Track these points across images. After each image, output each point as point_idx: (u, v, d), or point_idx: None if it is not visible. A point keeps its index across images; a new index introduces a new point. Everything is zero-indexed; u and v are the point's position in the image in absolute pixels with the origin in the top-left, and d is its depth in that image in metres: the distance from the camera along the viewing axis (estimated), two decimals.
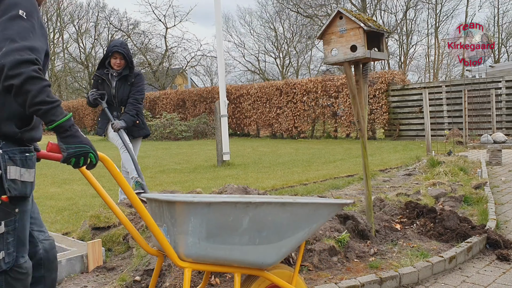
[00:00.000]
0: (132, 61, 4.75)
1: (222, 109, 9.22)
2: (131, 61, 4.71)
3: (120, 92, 4.69)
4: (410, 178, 6.58)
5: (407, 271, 2.90)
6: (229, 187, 3.65)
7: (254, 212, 1.89)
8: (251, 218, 1.89)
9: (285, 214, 1.96)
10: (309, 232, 2.07)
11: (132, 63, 4.73)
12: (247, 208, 1.87)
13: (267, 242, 1.96)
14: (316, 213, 2.05)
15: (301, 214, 2.01)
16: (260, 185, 6.36)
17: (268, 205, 1.92)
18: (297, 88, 17.62)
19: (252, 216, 1.89)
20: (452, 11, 32.30)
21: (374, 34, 3.36)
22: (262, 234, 1.94)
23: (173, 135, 19.14)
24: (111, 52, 4.64)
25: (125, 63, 4.68)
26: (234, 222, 1.87)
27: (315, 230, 2.10)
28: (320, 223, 2.10)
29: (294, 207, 1.98)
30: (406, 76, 20.11)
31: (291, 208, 1.97)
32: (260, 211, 1.90)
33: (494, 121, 12.53)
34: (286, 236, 2.00)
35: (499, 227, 4.00)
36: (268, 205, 1.92)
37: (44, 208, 5.30)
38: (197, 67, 38.17)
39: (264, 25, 36.63)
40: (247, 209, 1.87)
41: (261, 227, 1.93)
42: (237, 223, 1.88)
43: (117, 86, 4.70)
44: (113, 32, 36.52)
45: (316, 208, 2.05)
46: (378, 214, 4.05)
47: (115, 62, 4.65)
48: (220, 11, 9.26)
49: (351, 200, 2.15)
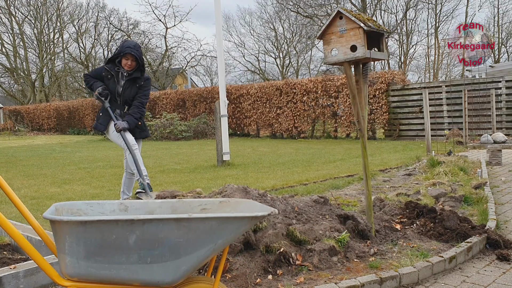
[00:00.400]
0: (144, 64, 4.75)
1: (222, 109, 9.22)
2: (142, 64, 4.71)
3: (127, 92, 4.70)
4: (410, 178, 6.58)
5: (407, 271, 2.89)
6: (229, 187, 3.65)
7: (141, 230, 1.77)
8: (139, 236, 1.77)
9: (181, 230, 1.82)
10: (216, 248, 1.91)
11: (143, 66, 4.74)
12: (132, 226, 1.75)
13: (162, 260, 1.83)
14: (221, 228, 1.88)
15: (201, 230, 1.85)
16: (260, 185, 6.36)
17: (158, 222, 1.78)
18: (297, 88, 17.62)
19: (140, 234, 1.77)
20: (452, 11, 32.39)
21: (374, 34, 3.36)
22: (154, 252, 1.81)
23: (173, 135, 19.14)
24: (123, 53, 4.60)
25: (136, 65, 4.67)
26: (118, 241, 1.76)
27: (225, 245, 1.94)
28: (229, 238, 1.92)
29: (191, 222, 1.83)
30: (406, 76, 20.12)
31: (188, 224, 1.82)
32: (149, 229, 1.78)
33: (494, 121, 12.53)
34: (185, 254, 1.86)
35: (499, 227, 4.00)
36: (158, 222, 1.78)
37: (44, 208, 5.30)
38: (197, 67, 38.26)
39: (264, 25, 36.76)
40: (133, 227, 1.76)
41: (153, 245, 1.80)
42: (122, 241, 1.76)
43: (125, 86, 4.70)
44: (113, 32, 36.58)
45: (220, 223, 1.87)
46: (378, 214, 4.05)
47: (126, 62, 4.63)
48: (220, 11, 9.26)
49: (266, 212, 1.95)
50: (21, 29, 35.68)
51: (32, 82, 36.83)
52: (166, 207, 2.24)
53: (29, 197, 6.08)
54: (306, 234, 3.21)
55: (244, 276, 2.80)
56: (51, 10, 36.00)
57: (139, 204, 2.23)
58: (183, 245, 1.85)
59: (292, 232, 3.19)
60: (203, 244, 1.88)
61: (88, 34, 37.55)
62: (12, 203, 1.93)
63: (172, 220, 1.80)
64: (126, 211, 2.19)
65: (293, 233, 3.18)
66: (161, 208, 2.24)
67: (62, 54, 37.58)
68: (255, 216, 1.93)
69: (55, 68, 37.77)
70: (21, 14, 35.80)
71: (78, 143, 18.98)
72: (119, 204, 2.19)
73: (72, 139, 21.75)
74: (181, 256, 1.85)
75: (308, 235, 3.21)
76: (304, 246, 3.15)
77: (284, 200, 3.67)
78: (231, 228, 1.90)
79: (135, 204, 2.22)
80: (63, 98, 37.76)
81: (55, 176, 8.30)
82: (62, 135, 26.41)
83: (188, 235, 1.83)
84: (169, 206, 2.25)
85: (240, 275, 2.81)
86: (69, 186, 7.03)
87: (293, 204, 3.62)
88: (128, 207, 2.20)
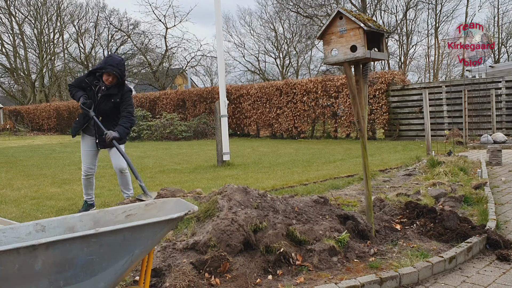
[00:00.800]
0: (124, 81, 4.87)
1: (222, 109, 9.22)
2: (123, 81, 4.83)
3: (102, 106, 4.86)
4: (410, 178, 6.57)
5: (407, 271, 2.89)
6: (229, 187, 3.65)
7: (46, 254, 1.64)
8: (46, 261, 1.65)
9: (91, 247, 1.72)
10: (134, 258, 1.83)
11: (123, 83, 4.86)
12: (35, 251, 1.62)
13: (76, 281, 1.73)
14: (135, 237, 1.79)
15: (114, 243, 1.75)
16: (260, 185, 6.36)
17: (64, 243, 1.66)
18: (297, 88, 17.62)
19: (46, 258, 1.65)
20: (452, 11, 32.41)
21: (374, 34, 3.36)
22: (66, 274, 1.70)
23: (173, 135, 19.13)
24: (105, 70, 4.70)
25: (116, 81, 4.79)
26: (23, 270, 1.64)
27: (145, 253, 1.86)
28: (147, 245, 1.84)
29: (100, 237, 1.72)
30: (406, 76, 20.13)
31: (97, 240, 1.72)
32: (54, 251, 1.65)
33: (494, 121, 12.54)
34: (101, 270, 1.76)
35: (499, 227, 4.00)
36: (63, 243, 1.66)
37: (44, 208, 5.30)
38: (197, 67, 38.28)
39: (264, 25, 36.79)
40: (36, 253, 1.63)
41: (63, 267, 1.69)
42: (28, 269, 1.64)
43: (101, 100, 4.84)
44: (113, 32, 36.57)
45: (133, 232, 1.78)
46: (378, 214, 4.05)
47: (107, 78, 4.75)
48: (220, 11, 9.26)
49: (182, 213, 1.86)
50: (21, 29, 35.68)
51: (32, 82, 36.83)
52: (87, 220, 2.14)
53: (29, 197, 6.08)
54: (306, 234, 3.21)
55: (244, 276, 2.80)
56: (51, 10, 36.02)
57: (58, 222, 2.11)
58: (97, 262, 1.75)
59: (292, 232, 3.19)
60: (119, 256, 1.78)
61: (88, 34, 37.58)
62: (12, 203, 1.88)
63: (78, 238, 1.68)
64: (43, 231, 2.06)
65: (293, 233, 3.18)
66: (81, 222, 2.13)
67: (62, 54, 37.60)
68: (171, 219, 1.84)
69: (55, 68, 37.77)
70: (21, 14, 35.83)
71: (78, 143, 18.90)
72: (34, 225, 2.07)
73: (72, 139, 21.74)
74: (97, 273, 1.76)
75: (308, 235, 3.21)
76: (304, 246, 3.15)
77: (284, 200, 3.67)
78: (147, 235, 1.81)
79: (52, 222, 2.10)
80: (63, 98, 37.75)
81: (55, 176, 8.30)
82: (62, 135, 26.40)
83: (100, 250, 1.73)
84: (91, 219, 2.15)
85: (240, 275, 2.80)
86: (69, 186, 7.03)
87: (293, 204, 3.62)
88: (45, 227, 2.07)
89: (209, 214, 3.37)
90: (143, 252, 1.85)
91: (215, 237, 2.97)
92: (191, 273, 2.72)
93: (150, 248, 1.87)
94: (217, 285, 2.72)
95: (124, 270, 1.83)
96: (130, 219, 2.14)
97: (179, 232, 3.43)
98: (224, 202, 3.40)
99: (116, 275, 1.81)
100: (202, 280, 2.73)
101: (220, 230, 2.99)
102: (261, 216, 3.24)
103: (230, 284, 2.73)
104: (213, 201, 3.47)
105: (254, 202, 3.43)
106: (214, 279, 2.76)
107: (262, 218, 3.22)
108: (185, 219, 3.49)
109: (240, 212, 3.20)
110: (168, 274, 2.76)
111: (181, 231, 3.43)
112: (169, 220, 1.85)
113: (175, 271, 2.72)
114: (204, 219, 3.37)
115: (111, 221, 2.13)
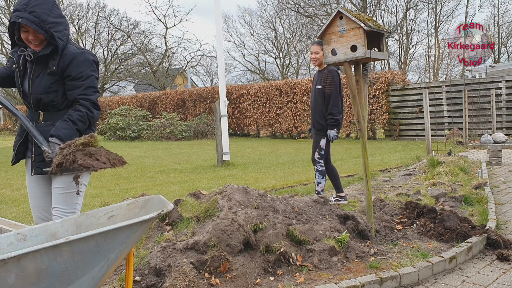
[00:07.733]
0: (53, 34, 2.53)
1: (222, 109, 9.22)
2: (51, 35, 2.53)
3: (35, 85, 2.64)
4: (410, 178, 6.58)
5: (407, 271, 2.89)
6: (229, 187, 3.65)
7: (19, 267, 1.61)
8: (19, 274, 1.62)
9: (64, 256, 1.68)
10: (110, 262, 1.81)
11: (52, 37, 2.54)
12: (6, 265, 1.58)
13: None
14: (108, 241, 1.75)
15: (87, 249, 1.72)
16: (260, 185, 6.36)
17: (35, 254, 1.62)
18: (297, 88, 17.62)
19: (19, 271, 1.61)
20: (452, 11, 32.36)
21: (374, 34, 3.36)
22: (41, 285, 1.67)
23: (173, 135, 19.14)
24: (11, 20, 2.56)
25: (44, 37, 2.56)
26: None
27: (121, 257, 1.84)
28: (122, 249, 1.81)
29: (72, 245, 1.68)
30: (406, 76, 20.11)
31: (70, 248, 1.68)
32: (27, 263, 1.62)
33: (494, 121, 12.54)
34: (77, 278, 1.73)
35: (499, 227, 4.00)
36: (34, 254, 1.62)
37: None
38: (197, 67, 38.23)
39: (264, 25, 36.66)
40: (8, 266, 1.59)
41: (37, 278, 1.65)
42: (1, 284, 1.61)
43: (32, 75, 2.65)
44: (113, 32, 36.54)
45: (105, 237, 1.74)
46: (378, 214, 4.05)
47: (26, 37, 2.58)
48: (220, 11, 9.26)
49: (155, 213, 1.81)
50: None
51: None
52: (69, 225, 2.11)
53: None
54: (306, 234, 3.20)
55: (244, 276, 2.80)
56: None
57: (39, 230, 2.08)
58: (72, 270, 1.71)
59: (292, 232, 3.19)
60: (94, 262, 1.76)
61: (88, 34, 37.54)
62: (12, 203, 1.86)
63: (49, 248, 1.64)
64: (25, 240, 2.03)
65: (293, 233, 3.18)
66: (63, 227, 2.11)
67: None
68: (143, 221, 1.80)
69: None
70: None
71: None
72: (15, 235, 2.03)
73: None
74: (73, 281, 1.73)
75: (308, 235, 3.21)
76: (304, 246, 3.15)
77: (284, 200, 3.66)
78: (121, 239, 1.78)
79: (34, 230, 2.07)
80: None
81: None
82: None
83: (74, 258, 1.70)
84: (73, 223, 2.12)
85: (240, 275, 2.80)
86: None
87: (293, 204, 3.62)
88: (26, 236, 2.04)
89: (209, 214, 3.37)
90: (120, 256, 1.83)
91: (215, 237, 2.97)
92: (191, 273, 2.72)
93: (127, 250, 1.85)
94: (217, 285, 2.72)
95: (102, 275, 1.81)
96: (113, 221, 2.11)
97: (179, 232, 3.43)
98: (224, 202, 3.40)
99: (94, 281, 1.80)
100: (202, 280, 2.73)
101: (220, 230, 2.99)
102: (261, 216, 3.24)
103: (230, 284, 2.73)
104: (213, 201, 3.47)
105: (254, 202, 3.43)
106: (214, 279, 2.76)
107: (262, 218, 3.22)
108: (185, 219, 3.49)
109: (240, 212, 3.20)
110: (168, 274, 2.76)
111: (181, 231, 3.42)
112: (141, 221, 1.80)
113: (175, 271, 2.72)
114: (204, 219, 3.37)
115: (94, 224, 2.09)
